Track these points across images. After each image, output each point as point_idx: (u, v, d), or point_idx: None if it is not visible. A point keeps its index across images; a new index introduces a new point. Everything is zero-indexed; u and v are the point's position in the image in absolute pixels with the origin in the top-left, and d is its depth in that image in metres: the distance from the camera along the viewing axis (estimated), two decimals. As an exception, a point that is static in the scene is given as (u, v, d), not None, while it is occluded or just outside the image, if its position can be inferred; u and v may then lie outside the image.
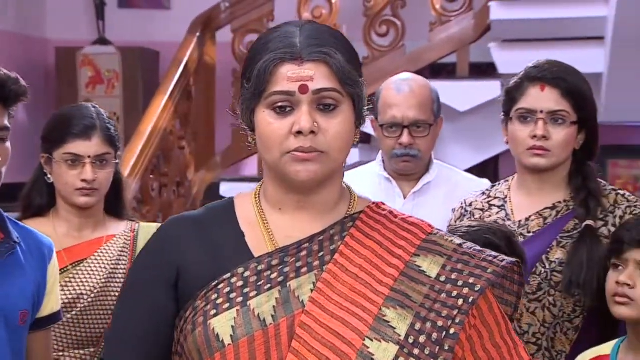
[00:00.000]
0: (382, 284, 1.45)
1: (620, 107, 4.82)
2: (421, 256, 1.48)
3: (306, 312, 1.43)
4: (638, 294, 2.01)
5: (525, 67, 2.26)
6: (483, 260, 1.46)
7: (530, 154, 2.21)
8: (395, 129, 2.75)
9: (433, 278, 1.45)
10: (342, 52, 1.47)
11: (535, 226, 2.21)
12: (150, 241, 1.57)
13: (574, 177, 2.25)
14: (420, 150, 2.75)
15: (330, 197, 1.52)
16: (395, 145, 2.75)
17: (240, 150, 5.45)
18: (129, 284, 1.58)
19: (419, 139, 2.74)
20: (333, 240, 1.49)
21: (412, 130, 2.74)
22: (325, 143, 1.45)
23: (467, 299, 1.42)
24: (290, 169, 1.46)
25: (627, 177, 6.06)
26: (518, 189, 2.30)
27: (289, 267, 1.47)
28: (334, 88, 1.45)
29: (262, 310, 1.43)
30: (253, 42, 1.56)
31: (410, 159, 2.76)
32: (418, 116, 2.73)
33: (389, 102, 2.77)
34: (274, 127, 1.46)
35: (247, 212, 1.55)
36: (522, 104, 2.22)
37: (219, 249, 1.51)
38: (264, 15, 5.46)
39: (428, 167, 2.84)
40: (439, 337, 1.40)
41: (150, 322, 1.50)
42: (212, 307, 1.45)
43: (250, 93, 1.48)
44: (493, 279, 1.44)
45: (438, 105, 2.81)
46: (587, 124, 2.22)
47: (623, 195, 2.23)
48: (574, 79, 2.21)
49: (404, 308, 1.42)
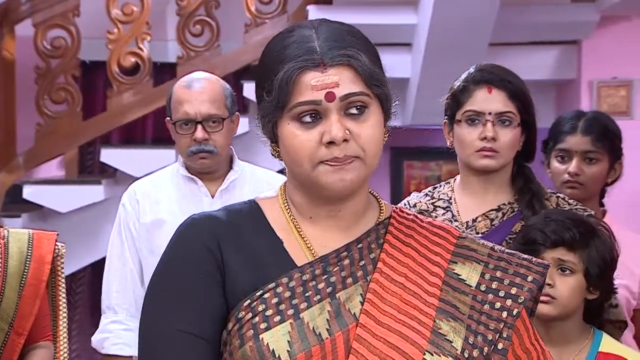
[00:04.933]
0: (429, 294, 1.41)
1: (429, 110, 5.02)
2: (458, 263, 1.44)
3: (361, 325, 1.37)
4: (559, 292, 2.10)
5: (467, 72, 2.31)
6: (519, 266, 1.44)
7: (480, 155, 2.24)
8: (189, 125, 2.74)
9: (473, 287, 1.42)
10: (364, 51, 1.39)
11: (482, 227, 2.26)
12: (186, 237, 1.44)
13: (516, 179, 2.31)
14: (216, 146, 2.75)
15: (361, 205, 1.46)
16: (190, 142, 2.74)
17: (45, 151, 5.22)
18: (170, 282, 1.43)
19: (214, 133, 2.74)
20: (371, 248, 1.44)
21: (206, 125, 2.74)
22: (359, 149, 1.38)
23: (511, 312, 1.40)
24: (325, 180, 1.38)
25: (420, 178, 6.36)
26: (462, 191, 2.33)
27: (335, 277, 1.41)
28: (361, 91, 1.38)
29: (317, 324, 1.37)
30: (265, 49, 1.45)
31: (206, 154, 2.75)
32: (211, 110, 2.74)
33: (180, 99, 2.76)
34: (302, 139, 1.38)
35: (278, 219, 1.46)
36: (470, 107, 2.25)
37: (258, 256, 1.42)
38: (69, 10, 5.23)
39: (232, 165, 2.86)
40: (488, 351, 1.38)
41: (208, 322, 1.39)
42: (261, 320, 1.36)
43: (272, 106, 1.39)
44: (535, 288, 1.43)
45: (232, 101, 2.82)
46: (529, 126, 2.29)
47: (564, 199, 2.32)
48: (518, 82, 2.27)
49: (456, 320, 1.39)
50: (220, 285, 1.41)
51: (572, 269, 2.12)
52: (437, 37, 4.70)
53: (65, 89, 5.23)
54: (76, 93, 5.23)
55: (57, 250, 2.43)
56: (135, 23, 5.19)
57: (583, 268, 2.12)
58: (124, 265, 2.84)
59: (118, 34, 5.20)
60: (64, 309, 2.43)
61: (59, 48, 5.24)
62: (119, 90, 5.19)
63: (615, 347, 2.15)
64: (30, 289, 2.32)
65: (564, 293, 2.11)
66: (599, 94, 5.41)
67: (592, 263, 2.12)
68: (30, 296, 2.32)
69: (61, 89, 5.23)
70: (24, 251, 2.34)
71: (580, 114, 2.76)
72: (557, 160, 2.69)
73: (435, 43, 4.75)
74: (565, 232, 2.12)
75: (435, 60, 4.84)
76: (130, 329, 2.82)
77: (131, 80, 5.19)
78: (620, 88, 5.46)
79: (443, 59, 4.72)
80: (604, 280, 2.15)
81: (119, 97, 5.19)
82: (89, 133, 5.28)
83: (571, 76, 5.45)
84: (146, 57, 5.19)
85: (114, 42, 5.20)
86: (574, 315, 2.15)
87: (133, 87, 5.19)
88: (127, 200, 2.87)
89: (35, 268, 2.34)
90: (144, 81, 5.20)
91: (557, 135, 2.65)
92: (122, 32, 5.20)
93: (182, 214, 2.75)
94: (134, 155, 5.27)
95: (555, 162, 2.68)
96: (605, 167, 2.69)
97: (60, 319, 2.43)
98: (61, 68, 5.24)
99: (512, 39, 5.28)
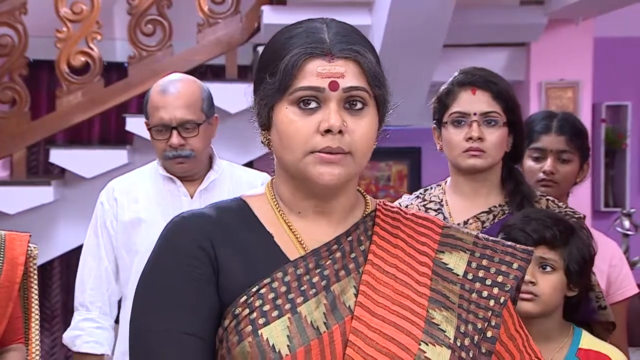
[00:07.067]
0: (420, 284, 1.42)
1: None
2: (446, 253, 1.46)
3: (356, 317, 1.38)
4: (541, 289, 2.13)
5: (452, 75, 2.34)
6: (504, 253, 1.46)
7: (467, 155, 2.27)
8: (164, 130, 2.73)
9: (461, 276, 1.44)
10: (370, 51, 1.43)
11: (474, 229, 2.26)
12: (177, 235, 1.43)
13: (507, 181, 2.34)
14: (193, 149, 2.73)
15: (348, 202, 1.47)
16: (166, 147, 2.73)
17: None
18: (161, 280, 1.41)
19: (190, 138, 2.72)
20: (360, 240, 1.45)
21: (182, 130, 2.72)
22: (351, 144, 1.39)
23: (498, 300, 1.42)
24: (312, 171, 1.39)
25: (370, 178, 6.39)
26: (453, 193, 2.35)
27: (328, 270, 1.41)
28: (363, 87, 1.40)
29: (314, 317, 1.38)
30: (273, 37, 1.47)
31: (183, 159, 2.74)
32: (186, 116, 2.72)
33: (156, 104, 2.74)
34: (298, 125, 1.39)
35: (266, 214, 1.47)
36: (456, 108, 2.28)
37: (250, 251, 1.42)
38: (16, 8, 5.13)
39: (212, 164, 2.84)
40: (478, 339, 1.40)
41: (203, 319, 1.38)
42: (259, 315, 1.36)
43: (273, 88, 1.40)
44: (520, 275, 1.45)
45: (210, 103, 2.80)
46: (515, 126, 2.31)
47: (553, 201, 2.35)
48: (502, 83, 2.30)
49: (448, 310, 1.41)
50: (213, 283, 1.40)
51: (554, 266, 2.15)
52: (393, 38, 4.72)
53: (12, 88, 5.12)
54: (24, 92, 5.13)
55: (30, 251, 2.38)
56: (85, 22, 5.12)
57: (564, 265, 2.15)
58: (99, 264, 2.82)
59: (67, 33, 5.11)
60: (37, 311, 2.38)
61: (5, 46, 5.14)
62: (69, 89, 5.10)
63: (595, 343, 2.19)
64: (3, 291, 2.27)
65: (546, 290, 2.13)
66: (548, 95, 5.50)
67: (572, 260, 2.16)
68: (3, 298, 2.27)
69: (8, 88, 5.12)
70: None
71: (551, 113, 2.80)
72: (532, 159, 2.72)
73: (391, 44, 4.77)
74: (546, 231, 2.15)
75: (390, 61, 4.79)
76: (103, 327, 2.82)
77: (81, 80, 5.11)
78: (567, 89, 5.56)
79: (398, 60, 4.72)
80: (583, 277, 2.19)
81: (68, 96, 5.10)
82: (38, 133, 5.18)
83: (520, 78, 5.53)
84: (97, 57, 5.11)
85: (63, 41, 5.11)
86: (555, 313, 2.18)
87: (83, 87, 5.11)
88: (105, 198, 2.84)
89: (8, 270, 2.29)
90: (94, 81, 5.12)
91: (530, 134, 2.68)
92: (71, 31, 5.12)
93: (160, 213, 2.74)
94: (83, 155, 5.20)
95: (530, 161, 2.71)
96: (576, 166, 2.74)
97: (32, 321, 2.38)
98: (8, 67, 5.14)
99: (463, 41, 5.34)
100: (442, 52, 4.92)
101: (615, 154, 6.42)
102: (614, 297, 2.71)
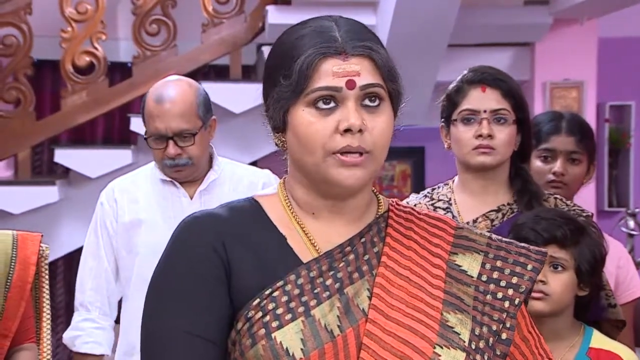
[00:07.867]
0: (434, 286, 1.42)
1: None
2: (459, 254, 1.45)
3: (370, 320, 1.37)
4: (551, 288, 2.13)
5: (461, 74, 2.34)
6: (518, 254, 1.46)
7: (477, 152, 2.27)
8: (161, 140, 2.71)
9: (475, 278, 1.43)
10: (381, 47, 1.42)
11: (483, 227, 2.27)
12: (189, 236, 1.42)
13: (515, 180, 2.34)
14: (190, 158, 2.72)
15: (364, 201, 1.45)
16: (164, 156, 2.72)
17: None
18: (174, 282, 1.40)
19: (187, 147, 2.71)
20: (373, 242, 1.44)
21: (178, 140, 2.70)
22: (371, 142, 1.38)
23: (513, 301, 1.41)
24: (334, 173, 1.37)
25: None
26: (462, 191, 2.35)
27: (341, 272, 1.40)
28: (379, 83, 1.39)
29: (328, 320, 1.37)
30: (280, 38, 1.45)
31: (181, 168, 2.74)
32: (181, 125, 2.69)
33: (151, 114, 2.72)
34: (317, 126, 1.37)
35: (279, 216, 1.45)
36: (465, 106, 2.28)
37: (263, 253, 1.40)
38: (21, 8, 5.12)
39: (212, 164, 2.84)
40: (493, 341, 1.39)
41: (214, 321, 1.37)
42: (272, 318, 1.35)
43: (288, 90, 1.38)
44: (535, 277, 1.44)
45: (206, 107, 2.77)
46: (523, 125, 2.32)
47: (562, 200, 2.35)
48: (511, 81, 2.31)
49: (462, 312, 1.40)
50: (225, 285, 1.39)
51: (564, 265, 2.15)
52: (397, 38, 4.72)
53: (16, 88, 5.12)
54: (29, 92, 5.13)
55: (42, 251, 2.39)
56: (89, 22, 5.12)
57: (574, 265, 2.16)
58: (99, 264, 2.82)
59: (72, 33, 5.11)
60: (48, 310, 2.38)
61: (10, 46, 5.14)
62: (73, 89, 5.10)
63: (605, 342, 2.19)
64: (15, 290, 2.26)
65: (557, 290, 2.14)
66: (552, 95, 5.50)
67: (583, 260, 2.16)
68: (15, 298, 2.26)
69: (12, 88, 5.12)
70: (9, 252, 2.29)
71: (559, 114, 2.80)
72: (540, 160, 2.71)
73: (395, 44, 4.75)
74: (556, 230, 2.15)
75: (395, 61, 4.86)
76: (102, 327, 2.83)
77: (86, 80, 5.11)
78: (572, 89, 5.56)
79: (402, 60, 4.72)
80: (594, 276, 2.19)
81: (73, 96, 5.10)
82: (42, 133, 5.18)
83: (525, 77, 5.53)
84: (101, 57, 5.11)
85: (67, 41, 5.11)
86: (566, 312, 2.18)
87: (88, 87, 5.11)
88: (105, 199, 2.84)
89: (21, 270, 2.29)
90: (99, 81, 5.12)
91: (538, 135, 2.68)
92: (76, 30, 5.12)
93: (160, 214, 2.76)
94: (87, 155, 5.20)
95: (538, 162, 2.71)
96: (585, 167, 2.74)
97: (43, 320, 2.38)
98: (13, 67, 5.14)
99: (468, 41, 5.34)
100: (446, 52, 4.92)
101: (619, 153, 6.42)
102: (622, 298, 2.71)
